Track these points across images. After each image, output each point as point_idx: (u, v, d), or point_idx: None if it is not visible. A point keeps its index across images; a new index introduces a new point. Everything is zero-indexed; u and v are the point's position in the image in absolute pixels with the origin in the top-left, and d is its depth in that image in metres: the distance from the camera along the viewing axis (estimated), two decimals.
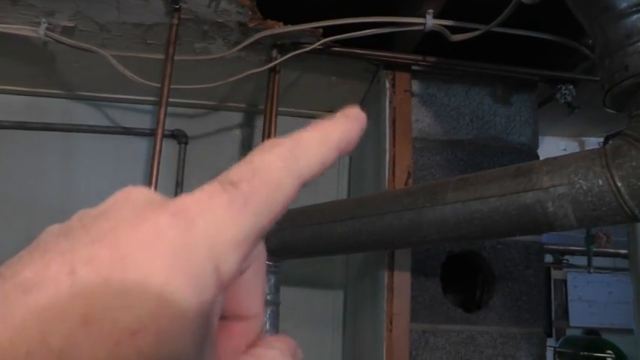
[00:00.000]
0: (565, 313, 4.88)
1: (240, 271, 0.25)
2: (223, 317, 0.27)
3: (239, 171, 0.24)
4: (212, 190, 0.23)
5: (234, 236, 0.22)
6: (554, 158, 1.03)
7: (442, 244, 1.54)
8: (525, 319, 1.60)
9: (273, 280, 1.52)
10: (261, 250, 0.28)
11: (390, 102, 1.60)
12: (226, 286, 0.22)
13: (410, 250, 1.52)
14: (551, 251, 3.99)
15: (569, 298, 4.90)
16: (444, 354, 1.55)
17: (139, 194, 0.24)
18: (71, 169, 1.97)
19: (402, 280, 1.50)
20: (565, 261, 4.44)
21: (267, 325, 1.48)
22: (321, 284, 2.04)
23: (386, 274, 1.50)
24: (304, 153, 0.26)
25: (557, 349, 2.56)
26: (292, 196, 0.26)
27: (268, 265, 1.49)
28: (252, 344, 0.28)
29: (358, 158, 2.02)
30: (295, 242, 1.39)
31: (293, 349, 0.30)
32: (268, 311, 1.49)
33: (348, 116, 0.29)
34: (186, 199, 0.22)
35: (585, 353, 2.78)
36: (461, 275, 1.69)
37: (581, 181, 0.95)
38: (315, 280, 2.04)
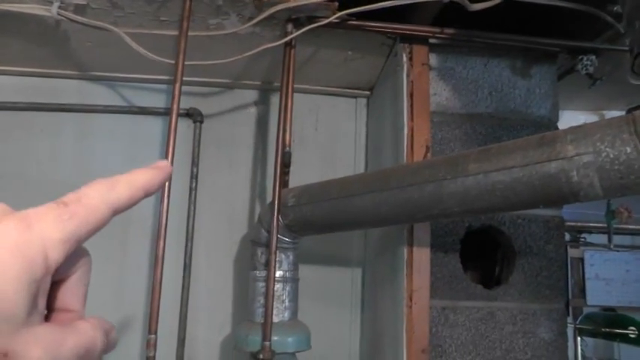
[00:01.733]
0: (582, 292, 4.84)
1: (67, 271, 0.39)
2: (55, 309, 0.39)
3: (70, 196, 0.38)
4: (49, 205, 0.36)
5: (59, 237, 0.34)
6: (579, 126, 1.01)
7: (464, 217, 1.52)
8: (546, 295, 1.59)
9: (291, 257, 1.51)
10: (86, 262, 0.41)
11: (408, 75, 1.58)
12: (52, 270, 0.34)
13: (429, 226, 1.50)
14: (568, 229, 3.96)
15: (586, 276, 4.86)
16: (463, 330, 1.54)
17: None
18: (86, 150, 1.97)
19: (422, 255, 1.49)
20: (582, 239, 4.41)
21: (287, 302, 1.48)
22: (339, 261, 2.04)
23: (405, 250, 1.49)
24: (116, 191, 0.39)
25: (578, 326, 2.54)
26: (105, 217, 0.38)
27: (287, 241, 1.49)
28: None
29: (375, 133, 2.00)
30: (314, 217, 1.38)
31: (107, 327, 0.41)
32: (287, 288, 1.48)
33: (156, 168, 0.42)
34: (30, 210, 0.35)
35: (607, 330, 2.75)
36: (480, 252, 1.67)
37: (607, 149, 0.93)
38: (333, 258, 2.03)
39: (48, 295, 0.36)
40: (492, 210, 1.14)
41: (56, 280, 0.38)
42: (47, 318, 0.38)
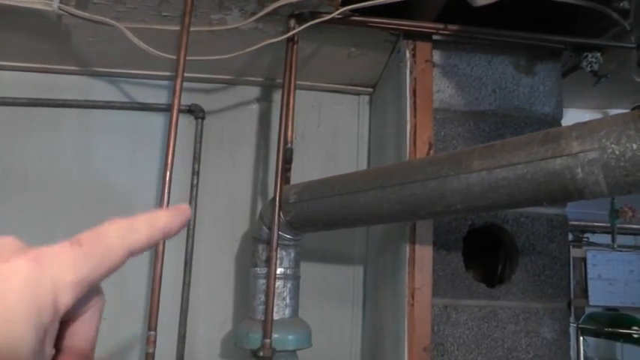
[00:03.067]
0: (584, 292, 4.81)
1: (78, 311, 0.36)
2: (63, 349, 0.37)
3: (86, 234, 0.35)
4: (63, 245, 0.33)
5: (71, 280, 0.32)
6: (584, 123, 1.00)
7: (467, 214, 1.51)
8: (549, 294, 1.57)
9: (293, 254, 1.50)
10: (98, 300, 0.39)
11: (411, 72, 1.57)
12: (61, 314, 0.32)
13: (432, 224, 1.49)
14: (571, 229, 3.93)
15: (589, 276, 4.82)
16: (465, 329, 1.53)
17: (6, 242, 0.33)
18: (88, 146, 1.97)
19: (424, 253, 1.48)
20: (585, 239, 4.39)
21: (288, 300, 1.47)
22: (341, 259, 2.03)
23: (407, 248, 1.48)
24: (135, 231, 0.37)
25: (580, 326, 2.52)
26: (121, 259, 0.36)
27: (288, 238, 1.48)
28: None
29: (378, 131, 1.99)
30: (315, 214, 1.37)
31: None
32: (288, 285, 1.47)
33: (177, 210, 0.40)
34: (43, 249, 0.32)
35: (610, 329, 2.72)
36: (482, 250, 1.66)
37: (613, 145, 0.92)
38: (335, 256, 2.03)
39: (56, 334, 0.34)
40: (496, 207, 1.13)
41: (65, 319, 0.36)
42: (55, 358, 0.36)
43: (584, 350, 3.22)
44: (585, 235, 4.39)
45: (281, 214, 1.44)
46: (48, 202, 1.88)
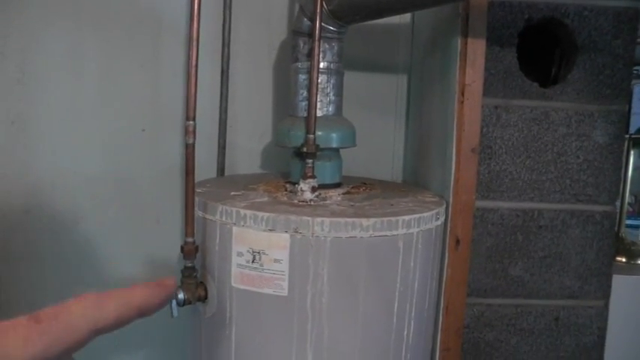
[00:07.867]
0: (626, 128, 4.70)
1: None
2: None
3: (47, 311, 0.34)
4: (19, 322, 0.33)
5: (21, 356, 0.31)
6: None
7: None
8: (606, 95, 1.48)
9: (336, 48, 1.40)
10: None
11: None
12: None
13: (485, 16, 1.38)
14: None
15: (633, 110, 4.67)
16: (515, 131, 1.47)
17: None
18: None
19: (476, 47, 1.38)
20: (635, 71, 4.18)
21: (331, 96, 1.40)
22: (384, 67, 1.94)
23: (459, 42, 1.38)
24: (102, 309, 0.36)
25: (633, 136, 2.43)
26: (84, 338, 0.35)
27: (331, 30, 1.37)
28: None
29: None
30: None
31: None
32: (332, 81, 1.39)
33: (158, 285, 0.39)
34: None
35: None
36: (537, 56, 1.55)
37: None
38: (378, 63, 1.93)
39: None
40: None
41: None
42: None
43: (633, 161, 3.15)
44: (635, 67, 4.18)
45: (323, 2, 1.33)
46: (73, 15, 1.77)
